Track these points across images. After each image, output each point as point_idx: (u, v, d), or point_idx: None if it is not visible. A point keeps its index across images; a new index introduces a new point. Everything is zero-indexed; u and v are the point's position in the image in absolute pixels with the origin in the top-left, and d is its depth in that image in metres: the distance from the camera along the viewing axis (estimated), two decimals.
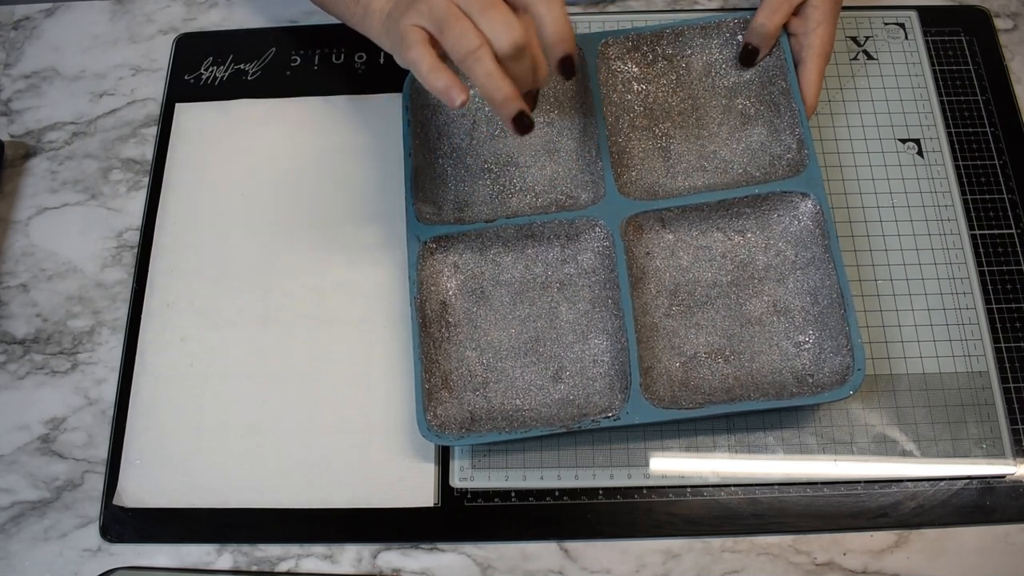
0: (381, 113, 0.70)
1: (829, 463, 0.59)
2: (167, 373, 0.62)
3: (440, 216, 0.64)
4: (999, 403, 0.60)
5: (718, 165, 0.65)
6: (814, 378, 0.58)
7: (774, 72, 0.65)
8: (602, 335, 0.60)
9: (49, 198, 0.69)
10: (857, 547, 0.57)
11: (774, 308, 0.61)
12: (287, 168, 0.68)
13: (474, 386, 0.60)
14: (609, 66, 0.67)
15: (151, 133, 0.71)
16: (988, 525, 0.57)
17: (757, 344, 0.60)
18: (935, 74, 0.71)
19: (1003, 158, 0.68)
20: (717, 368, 0.59)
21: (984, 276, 0.64)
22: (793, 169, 0.62)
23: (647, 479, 0.59)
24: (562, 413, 0.58)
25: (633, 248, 0.62)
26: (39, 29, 0.76)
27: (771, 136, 0.65)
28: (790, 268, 0.61)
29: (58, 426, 0.62)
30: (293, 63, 0.72)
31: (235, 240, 0.66)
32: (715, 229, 0.63)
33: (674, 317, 0.61)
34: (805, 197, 0.61)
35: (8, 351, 0.64)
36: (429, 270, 0.62)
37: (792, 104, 0.63)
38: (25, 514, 0.60)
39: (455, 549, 0.58)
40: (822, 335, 0.59)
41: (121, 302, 0.66)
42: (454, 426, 0.58)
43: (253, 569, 0.58)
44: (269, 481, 0.59)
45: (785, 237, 0.62)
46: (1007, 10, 0.73)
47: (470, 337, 0.61)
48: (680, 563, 0.57)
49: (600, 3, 0.75)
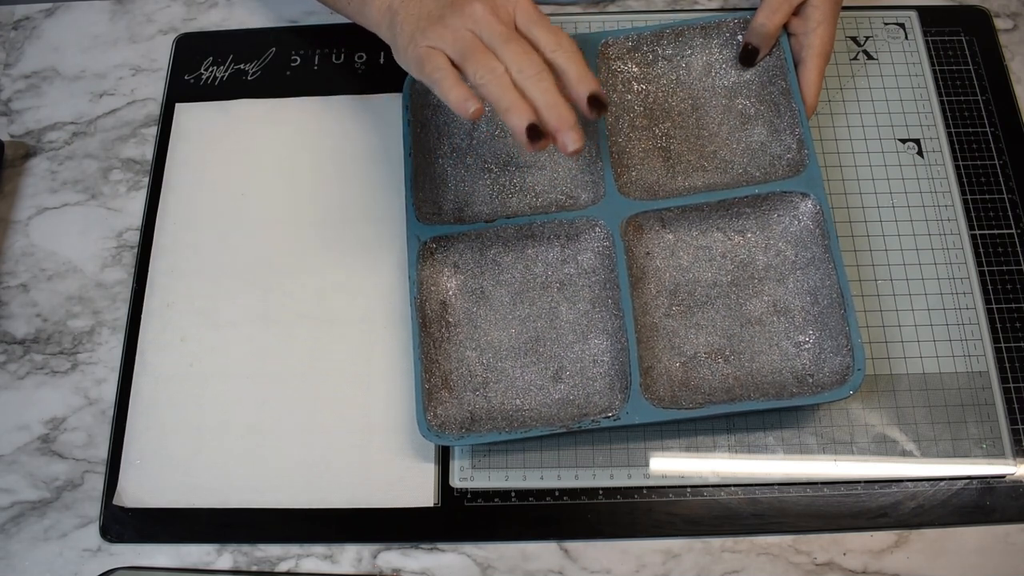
0: (381, 113, 0.70)
1: (829, 463, 0.59)
2: (167, 373, 0.62)
3: (440, 216, 0.64)
4: (999, 403, 0.60)
5: (718, 165, 0.65)
6: (814, 378, 0.58)
7: (774, 72, 0.65)
8: (602, 335, 0.60)
9: (49, 198, 0.69)
10: (857, 547, 0.57)
11: (774, 308, 0.61)
12: (287, 168, 0.68)
13: (474, 386, 0.60)
14: (609, 66, 0.67)
15: (151, 133, 0.71)
16: (988, 525, 0.57)
17: (757, 344, 0.60)
18: (935, 74, 0.71)
19: (1003, 158, 0.68)
20: (717, 368, 0.59)
21: (984, 276, 0.64)
22: (793, 169, 0.62)
23: (647, 479, 0.59)
24: (562, 413, 0.58)
25: (633, 248, 0.62)
26: (39, 29, 0.76)
27: (771, 136, 0.65)
28: (790, 268, 0.61)
29: (58, 426, 0.62)
30: (293, 63, 0.72)
31: (235, 240, 0.66)
32: (715, 229, 0.63)
33: (674, 317, 0.61)
34: (805, 197, 0.61)
35: (8, 351, 0.64)
36: (429, 270, 0.62)
37: (792, 104, 0.63)
38: (25, 514, 0.60)
39: (455, 549, 0.58)
40: (822, 335, 0.59)
41: (121, 302, 0.66)
42: (454, 426, 0.58)
43: (253, 569, 0.58)
44: (269, 481, 0.59)
45: (785, 237, 0.62)
46: (1007, 10, 0.73)
47: (470, 337, 0.61)
48: (680, 563, 0.57)
49: (600, 3, 0.75)
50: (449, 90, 0.53)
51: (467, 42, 0.53)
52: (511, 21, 0.55)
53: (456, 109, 0.53)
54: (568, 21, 0.73)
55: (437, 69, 0.54)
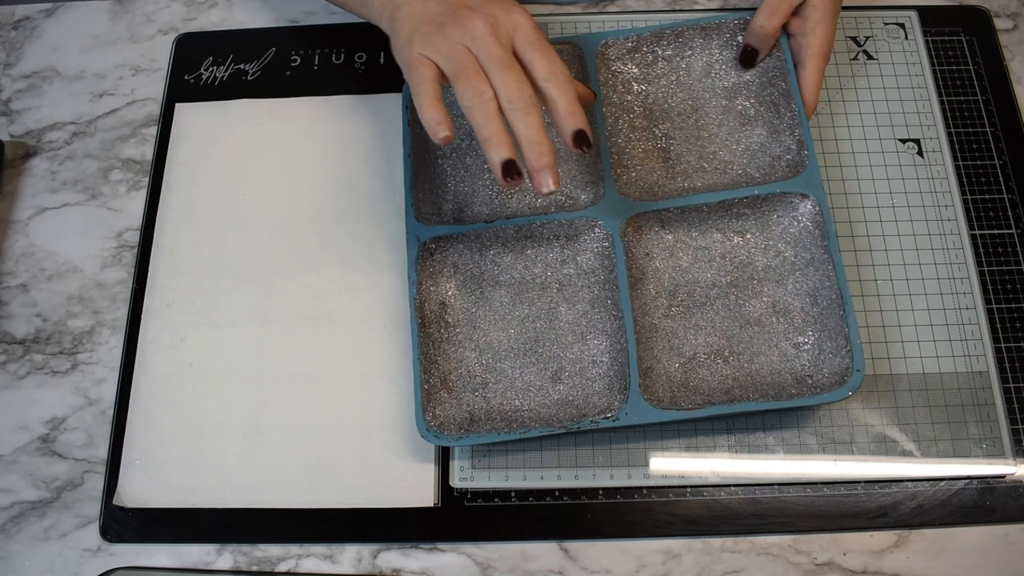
0: (381, 113, 0.70)
1: (829, 463, 0.59)
2: (167, 373, 0.63)
3: (440, 216, 0.64)
4: (999, 403, 0.60)
5: (717, 166, 0.65)
6: (813, 379, 0.58)
7: (774, 73, 0.65)
8: (601, 336, 0.60)
9: (49, 198, 0.69)
10: (857, 547, 0.57)
11: (773, 309, 0.61)
12: (287, 168, 0.68)
13: (473, 386, 0.60)
14: (609, 67, 0.67)
15: (151, 133, 0.71)
16: (988, 525, 0.57)
17: (756, 345, 0.60)
18: (935, 74, 0.71)
19: (1003, 158, 0.68)
20: (716, 369, 0.59)
21: (984, 276, 0.64)
22: (793, 170, 0.62)
23: (647, 479, 0.59)
24: (561, 414, 0.58)
25: (632, 249, 0.62)
26: (39, 29, 0.76)
27: (771, 137, 0.65)
28: (789, 269, 0.61)
29: (58, 426, 0.62)
30: (293, 63, 0.72)
31: (235, 240, 0.66)
32: (714, 230, 0.63)
33: (673, 318, 0.61)
34: (805, 198, 0.61)
35: (8, 351, 0.64)
36: (428, 270, 0.62)
37: (792, 105, 0.63)
38: (25, 514, 0.60)
39: (455, 549, 0.58)
40: (821, 336, 0.59)
41: (121, 302, 0.66)
42: (453, 426, 0.58)
43: (253, 569, 0.58)
44: (269, 481, 0.59)
45: (784, 238, 0.62)
46: (1007, 10, 0.73)
47: (469, 337, 0.61)
48: (680, 563, 0.57)
49: (600, 3, 0.75)
50: (426, 109, 0.53)
51: (461, 58, 0.53)
52: (510, 43, 0.54)
53: (428, 129, 0.53)
54: (568, 21, 0.73)
55: (422, 83, 0.53)
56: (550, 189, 0.52)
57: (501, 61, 0.53)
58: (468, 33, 0.53)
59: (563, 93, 0.53)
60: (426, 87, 0.53)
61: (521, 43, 0.54)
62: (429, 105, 0.53)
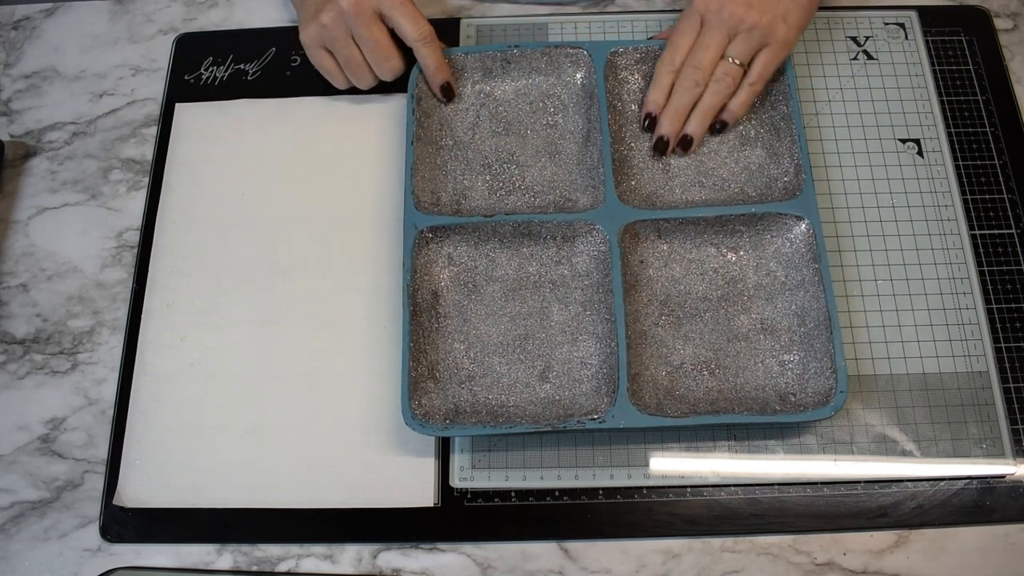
0: (381, 113, 0.70)
1: (829, 463, 0.59)
2: (167, 373, 0.63)
3: (438, 207, 0.64)
4: (999, 403, 0.60)
5: (716, 182, 0.65)
6: (797, 397, 0.58)
7: (776, 97, 0.65)
8: (591, 338, 0.61)
9: (49, 198, 0.69)
10: (857, 547, 0.57)
11: (761, 326, 0.61)
12: (287, 168, 0.68)
13: (460, 379, 0.60)
14: (616, 74, 0.67)
15: (151, 133, 0.71)
16: (988, 525, 0.57)
17: (742, 360, 0.60)
18: (935, 74, 0.71)
19: (1003, 158, 0.68)
20: (702, 380, 0.60)
21: (984, 276, 0.64)
22: (789, 192, 0.63)
23: (647, 479, 0.59)
24: (547, 412, 0.58)
25: (628, 255, 0.62)
26: (39, 29, 0.76)
27: (770, 159, 0.65)
28: (780, 288, 0.62)
29: (58, 426, 0.62)
30: (293, 63, 0.72)
31: (235, 240, 0.66)
32: (709, 244, 0.63)
33: (663, 326, 0.61)
34: (799, 220, 0.61)
35: (8, 351, 0.64)
36: (423, 259, 0.62)
37: (792, 129, 0.63)
38: (25, 514, 0.60)
39: (455, 549, 0.58)
40: (807, 356, 0.59)
41: (121, 302, 0.66)
42: (438, 417, 0.58)
43: (253, 569, 0.58)
44: (269, 481, 0.59)
45: (777, 258, 0.62)
46: (1007, 10, 0.73)
47: (459, 330, 0.61)
48: (680, 563, 0.57)
49: (600, 3, 0.75)
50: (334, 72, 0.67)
51: (332, 33, 0.64)
52: (374, 12, 0.63)
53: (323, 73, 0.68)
54: (568, 21, 0.73)
55: (320, 67, 0.67)
56: (392, 75, 0.67)
57: (375, 43, 0.64)
58: (336, 11, 0.63)
59: (432, 52, 0.65)
60: (325, 67, 0.67)
61: (386, 9, 0.63)
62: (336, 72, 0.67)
